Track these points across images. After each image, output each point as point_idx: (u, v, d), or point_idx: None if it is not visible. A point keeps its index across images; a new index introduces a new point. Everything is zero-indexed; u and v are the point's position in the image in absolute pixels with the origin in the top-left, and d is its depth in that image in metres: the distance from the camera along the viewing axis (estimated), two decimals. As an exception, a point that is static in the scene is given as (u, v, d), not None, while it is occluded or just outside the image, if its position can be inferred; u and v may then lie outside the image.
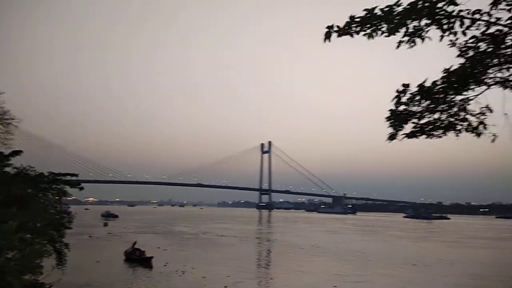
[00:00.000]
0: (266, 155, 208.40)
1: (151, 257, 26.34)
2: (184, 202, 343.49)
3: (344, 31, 5.82)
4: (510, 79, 6.13)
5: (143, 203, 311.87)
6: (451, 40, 5.73)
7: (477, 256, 34.42)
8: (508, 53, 5.86)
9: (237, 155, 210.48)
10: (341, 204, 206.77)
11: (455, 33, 5.55)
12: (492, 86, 6.21)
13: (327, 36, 5.92)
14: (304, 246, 38.34)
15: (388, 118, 6.52)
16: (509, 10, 5.45)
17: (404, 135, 6.54)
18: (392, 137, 6.62)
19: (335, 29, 5.91)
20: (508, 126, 6.03)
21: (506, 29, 5.58)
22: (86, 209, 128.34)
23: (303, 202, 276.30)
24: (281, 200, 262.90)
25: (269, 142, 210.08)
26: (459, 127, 6.39)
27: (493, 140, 6.30)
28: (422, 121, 6.44)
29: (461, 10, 5.31)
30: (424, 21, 5.48)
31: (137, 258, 26.36)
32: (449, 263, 29.41)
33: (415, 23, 5.51)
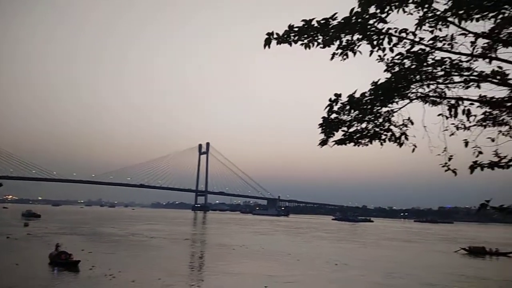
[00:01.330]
0: (203, 156, 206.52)
1: (78, 261, 24.70)
2: (115, 202, 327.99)
3: (283, 39, 5.98)
4: (430, 94, 6.73)
5: (69, 203, 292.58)
6: (379, 56, 6.16)
7: (389, 256, 37.20)
8: (429, 71, 6.43)
9: (174, 155, 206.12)
10: (275, 206, 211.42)
11: (383, 49, 5.97)
12: (414, 100, 6.75)
13: (267, 42, 6.05)
14: (235, 247, 38.56)
15: (321, 125, 6.82)
16: (431, 32, 5.98)
17: (335, 142, 6.88)
18: (323, 143, 6.93)
19: (275, 36, 6.06)
20: (427, 137, 6.62)
21: (428, 48, 6.13)
22: (4, 207, 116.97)
23: (239, 204, 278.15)
24: (217, 201, 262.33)
25: (207, 143, 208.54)
26: (383, 136, 6.85)
27: (413, 150, 6.85)
28: (351, 130, 6.82)
29: (389, 28, 5.73)
30: (356, 36, 5.82)
31: (63, 262, 24.55)
32: (365, 262, 31.47)
33: (348, 37, 5.83)
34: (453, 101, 6.45)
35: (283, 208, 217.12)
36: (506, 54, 5.80)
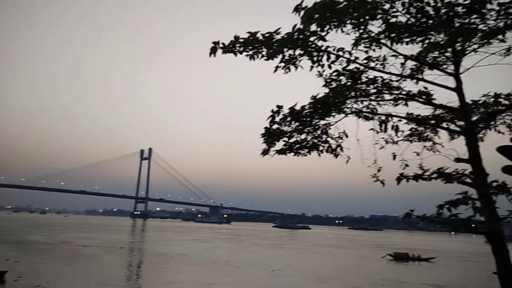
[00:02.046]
0: (145, 162, 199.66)
1: (5, 272, 22.61)
2: (46, 209, 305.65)
3: (228, 49, 6.08)
4: (363, 110, 7.16)
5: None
6: (319, 71, 6.47)
7: (322, 261, 38.79)
8: (363, 88, 6.86)
9: (113, 160, 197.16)
10: (217, 214, 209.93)
11: (322, 66, 6.28)
12: (349, 115, 7.15)
13: (213, 51, 6.11)
14: (174, 255, 37.73)
15: (263, 135, 6.98)
16: (366, 52, 6.41)
17: (276, 152, 7.08)
18: (265, 152, 7.09)
19: (221, 45, 6.14)
20: (360, 150, 7.05)
21: (362, 67, 6.55)
22: None
23: (181, 211, 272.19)
24: (158, 209, 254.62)
25: (150, 149, 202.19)
26: (321, 147, 7.16)
27: (347, 161, 7.24)
28: (292, 140, 7.05)
29: (328, 46, 6.05)
30: (298, 51, 6.08)
31: None
32: (300, 268, 32.55)
33: (291, 51, 6.07)
34: (383, 117, 6.92)
35: (225, 216, 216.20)
36: (431, 76, 6.38)
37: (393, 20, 5.66)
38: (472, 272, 34.06)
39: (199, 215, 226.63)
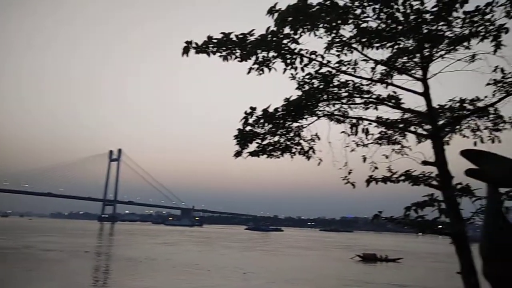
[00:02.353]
0: (114, 163, 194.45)
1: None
2: (8, 211, 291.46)
3: (201, 49, 6.01)
4: (335, 113, 7.26)
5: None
6: (292, 74, 6.52)
7: (292, 263, 39.18)
8: (335, 91, 6.96)
9: (81, 161, 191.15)
10: (189, 217, 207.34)
11: (295, 68, 6.33)
12: (321, 118, 7.23)
13: (185, 51, 6.02)
14: (143, 259, 36.96)
15: (236, 137, 6.95)
16: (338, 56, 6.50)
17: (248, 153, 7.05)
18: (238, 154, 7.05)
19: (193, 45, 6.06)
20: (331, 152, 7.14)
21: (334, 71, 6.64)
22: None
23: (151, 214, 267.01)
24: (127, 212, 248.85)
25: (119, 150, 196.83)
26: (294, 150, 7.20)
27: (319, 164, 7.31)
28: (264, 142, 7.05)
29: (301, 49, 6.09)
30: (271, 53, 6.09)
31: None
32: (270, 270, 32.75)
33: (264, 53, 6.08)
34: (354, 120, 7.05)
35: (197, 218, 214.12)
36: (400, 80, 6.55)
37: (364, 25, 5.77)
38: (437, 272, 35.25)
39: (170, 218, 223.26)
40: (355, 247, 64.62)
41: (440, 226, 6.02)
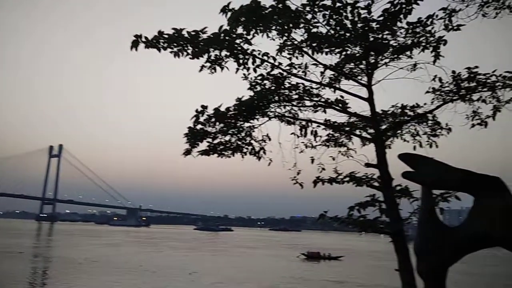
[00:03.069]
0: (54, 160, 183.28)
1: None
2: None
3: (151, 43, 5.84)
4: (286, 115, 7.39)
5: None
6: (244, 74, 6.54)
7: (240, 263, 39.52)
8: (286, 93, 7.08)
9: (17, 157, 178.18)
10: (135, 217, 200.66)
11: (248, 69, 6.36)
12: (272, 119, 7.33)
13: (134, 45, 5.83)
14: (82, 261, 35.28)
15: (186, 135, 6.84)
16: (289, 59, 6.63)
17: (199, 152, 6.97)
18: (187, 152, 6.95)
19: (143, 39, 5.88)
20: (281, 153, 7.25)
21: (285, 73, 6.76)
22: None
23: (94, 214, 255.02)
24: (68, 211, 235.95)
25: (60, 145, 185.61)
26: (245, 150, 7.23)
27: (269, 164, 7.40)
28: (215, 141, 7.01)
29: (254, 50, 6.14)
30: (224, 52, 6.07)
31: None
32: (217, 269, 32.81)
33: (217, 52, 6.04)
34: (304, 122, 7.22)
35: (144, 218, 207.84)
36: (347, 85, 6.81)
37: (315, 30, 5.93)
38: (376, 269, 37.08)
39: (115, 218, 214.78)
40: (301, 246, 66.17)
41: (381, 226, 6.34)
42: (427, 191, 3.30)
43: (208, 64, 6.29)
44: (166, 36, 5.80)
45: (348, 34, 5.86)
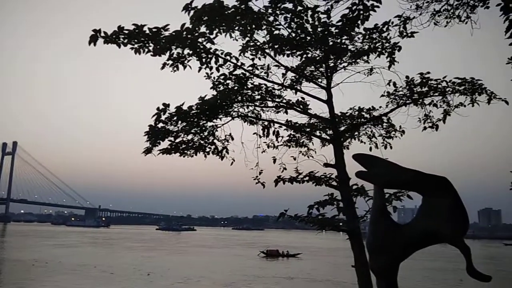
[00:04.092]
0: (8, 158, 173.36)
1: None
2: None
3: (111, 39, 5.70)
4: (249, 115, 7.46)
5: None
6: (207, 73, 6.54)
7: (200, 262, 39.27)
8: (249, 94, 7.15)
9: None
10: (94, 217, 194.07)
11: (211, 68, 6.35)
12: (235, 118, 7.37)
13: (92, 40, 5.66)
14: (36, 262, 33.68)
15: (147, 133, 6.73)
16: (252, 59, 6.69)
17: (160, 151, 6.88)
18: (148, 151, 6.84)
19: (102, 34, 5.73)
20: (244, 153, 7.31)
21: (248, 73, 6.82)
22: None
23: (51, 214, 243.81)
24: (23, 211, 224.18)
25: (14, 143, 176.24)
26: (208, 149, 7.22)
27: (232, 163, 7.45)
28: (177, 140, 6.95)
29: (216, 49, 6.14)
30: (186, 51, 6.03)
31: None
32: (176, 270, 32.50)
33: (179, 50, 5.99)
34: (266, 123, 7.33)
35: (103, 219, 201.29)
36: (308, 88, 6.98)
37: (277, 32, 6.03)
38: (332, 266, 38.01)
39: (73, 219, 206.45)
40: (262, 244, 66.56)
41: (340, 223, 6.55)
42: (379, 190, 3.47)
43: (170, 62, 6.23)
44: (126, 31, 5.68)
45: (308, 38, 6.01)
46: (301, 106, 7.22)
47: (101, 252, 47.85)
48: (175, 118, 6.71)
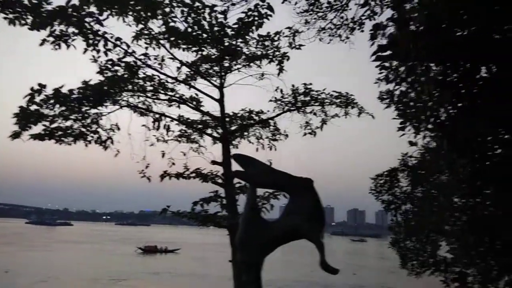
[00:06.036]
0: None
1: None
2: None
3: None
4: (139, 106, 7.17)
5: None
6: (93, 56, 6.09)
7: (63, 259, 36.40)
8: (140, 83, 6.88)
9: None
10: None
11: (98, 51, 5.93)
12: (124, 108, 7.01)
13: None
14: None
15: (16, 115, 5.98)
16: (146, 49, 6.45)
17: (31, 136, 6.17)
18: (16, 135, 6.08)
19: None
20: (130, 145, 6.99)
21: (139, 62, 6.55)
22: None
23: None
24: None
25: None
26: (90, 138, 6.70)
27: (116, 155, 7.04)
28: (53, 126, 6.31)
29: (106, 32, 5.78)
30: (71, 29, 5.54)
31: None
32: (34, 267, 29.71)
33: (62, 27, 5.47)
34: (157, 116, 7.12)
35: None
36: (201, 85, 7.01)
37: (173, 24, 5.94)
38: (211, 260, 38.60)
39: None
40: (141, 240, 64.12)
41: (223, 220, 6.72)
42: (252, 189, 3.68)
43: (51, 39, 5.64)
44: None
45: (205, 35, 6.06)
46: (194, 102, 7.22)
47: None
48: (52, 101, 6.10)
